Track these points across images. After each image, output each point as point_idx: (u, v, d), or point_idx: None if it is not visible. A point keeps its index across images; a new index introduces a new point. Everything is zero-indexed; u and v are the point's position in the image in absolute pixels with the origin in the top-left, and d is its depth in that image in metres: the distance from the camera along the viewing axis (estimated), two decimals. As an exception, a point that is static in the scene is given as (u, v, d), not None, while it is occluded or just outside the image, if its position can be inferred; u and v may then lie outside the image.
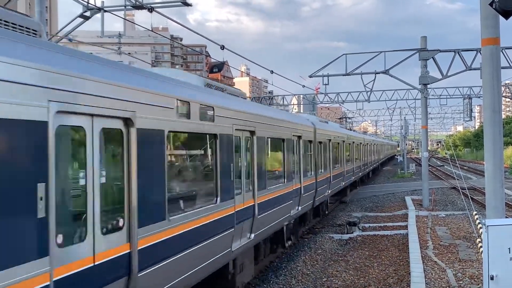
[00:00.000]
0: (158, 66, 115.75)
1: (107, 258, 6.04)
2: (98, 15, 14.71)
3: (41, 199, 4.99)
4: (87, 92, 5.73)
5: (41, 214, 4.99)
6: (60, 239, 5.28)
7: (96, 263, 5.83)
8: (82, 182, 5.77)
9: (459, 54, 27.87)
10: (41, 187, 5.00)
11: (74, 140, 5.89)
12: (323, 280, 13.46)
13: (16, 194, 4.76)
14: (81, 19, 14.61)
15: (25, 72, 4.90)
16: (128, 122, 6.52)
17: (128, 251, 6.44)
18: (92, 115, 5.84)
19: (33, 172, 4.96)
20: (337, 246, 17.68)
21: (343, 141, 27.71)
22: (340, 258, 15.85)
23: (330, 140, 22.79)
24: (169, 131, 7.57)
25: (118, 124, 6.39)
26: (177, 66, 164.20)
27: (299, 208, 16.14)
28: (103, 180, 6.11)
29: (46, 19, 10.99)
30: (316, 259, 15.74)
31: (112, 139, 6.40)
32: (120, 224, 6.39)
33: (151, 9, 13.32)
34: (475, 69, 27.63)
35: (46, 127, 5.09)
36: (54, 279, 5.12)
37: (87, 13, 14.50)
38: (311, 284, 13.14)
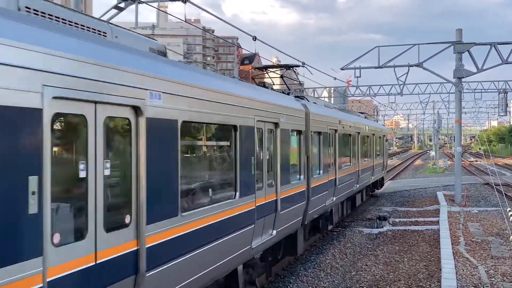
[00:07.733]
0: (190, 58, 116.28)
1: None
2: (132, 7, 14.84)
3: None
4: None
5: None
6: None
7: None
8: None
9: (495, 47, 27.26)
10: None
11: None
12: (352, 273, 13.42)
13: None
14: (115, 11, 14.76)
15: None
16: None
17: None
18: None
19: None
20: (367, 240, 17.59)
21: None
22: (369, 252, 15.77)
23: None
24: None
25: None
26: (208, 58, 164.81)
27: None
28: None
29: (82, 11, 11.12)
30: (345, 252, 15.70)
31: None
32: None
33: (185, 0, 13.37)
34: (511, 63, 27.04)
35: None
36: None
37: (122, 4, 14.64)
38: (340, 277, 13.11)
